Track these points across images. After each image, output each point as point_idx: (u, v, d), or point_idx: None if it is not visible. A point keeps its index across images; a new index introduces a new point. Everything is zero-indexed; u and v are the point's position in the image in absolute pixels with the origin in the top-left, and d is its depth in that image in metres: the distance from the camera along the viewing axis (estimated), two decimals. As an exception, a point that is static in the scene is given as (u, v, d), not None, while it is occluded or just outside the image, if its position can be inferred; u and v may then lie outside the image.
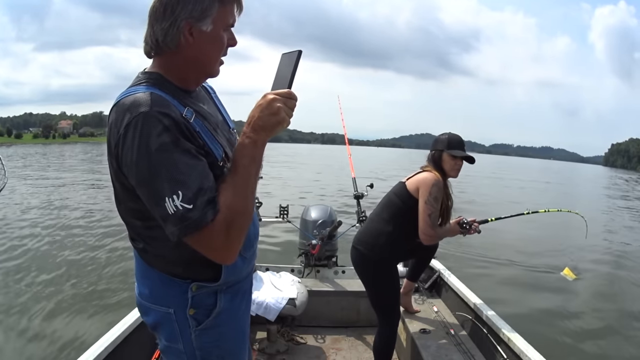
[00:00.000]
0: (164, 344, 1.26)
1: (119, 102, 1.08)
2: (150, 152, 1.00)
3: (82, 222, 10.31)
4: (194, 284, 1.19)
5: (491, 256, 8.14)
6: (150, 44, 1.14)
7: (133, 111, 1.02)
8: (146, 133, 1.00)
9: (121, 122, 1.03)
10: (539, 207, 3.39)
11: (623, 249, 10.35)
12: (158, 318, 1.23)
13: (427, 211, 2.58)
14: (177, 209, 0.99)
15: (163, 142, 1.00)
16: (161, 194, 1.00)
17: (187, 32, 1.10)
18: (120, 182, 1.10)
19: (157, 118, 1.02)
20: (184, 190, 1.00)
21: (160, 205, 1.01)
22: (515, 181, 33.89)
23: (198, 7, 1.09)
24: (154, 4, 1.10)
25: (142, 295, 1.26)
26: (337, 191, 15.69)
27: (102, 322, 4.73)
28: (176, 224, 1.01)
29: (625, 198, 27.05)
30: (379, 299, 2.71)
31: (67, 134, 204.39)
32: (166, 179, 1.00)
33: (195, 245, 1.05)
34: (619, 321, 5.76)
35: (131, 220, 1.18)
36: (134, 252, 1.26)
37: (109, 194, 11.40)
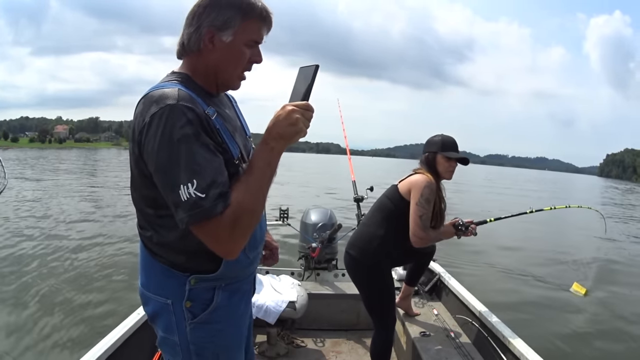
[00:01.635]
0: (161, 335, 1.28)
1: (147, 94, 1.15)
2: (172, 141, 1.06)
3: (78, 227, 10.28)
4: (193, 277, 1.22)
5: (492, 262, 8.16)
6: (179, 46, 1.24)
7: (160, 103, 1.10)
8: (170, 124, 1.07)
9: (147, 111, 1.10)
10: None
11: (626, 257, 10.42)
12: (157, 308, 1.27)
13: (418, 212, 2.54)
14: (190, 196, 1.05)
15: (185, 133, 1.07)
16: (177, 181, 1.06)
17: (207, 38, 1.19)
18: (139, 168, 1.16)
19: (182, 111, 1.09)
20: (198, 180, 1.05)
21: (175, 191, 1.06)
22: (511, 189, 34.08)
23: (220, 18, 1.18)
24: (189, 11, 1.21)
25: (144, 285, 1.31)
26: (335, 194, 15.66)
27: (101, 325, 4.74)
28: (187, 210, 1.05)
29: (616, 205, 27.19)
30: (373, 303, 2.68)
31: (63, 139, 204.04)
32: (184, 167, 1.06)
33: (201, 235, 1.09)
34: (619, 325, 5.77)
35: (143, 207, 1.23)
36: (140, 242, 1.31)
37: (106, 199, 11.43)
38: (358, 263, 2.66)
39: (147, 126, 1.09)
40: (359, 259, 2.64)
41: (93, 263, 7.38)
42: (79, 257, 7.65)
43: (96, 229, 10.15)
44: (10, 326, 4.85)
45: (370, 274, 2.64)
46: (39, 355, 4.34)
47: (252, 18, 1.20)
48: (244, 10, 1.19)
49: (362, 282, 2.69)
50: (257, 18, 1.21)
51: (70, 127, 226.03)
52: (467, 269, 7.27)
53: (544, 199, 27.14)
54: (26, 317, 5.11)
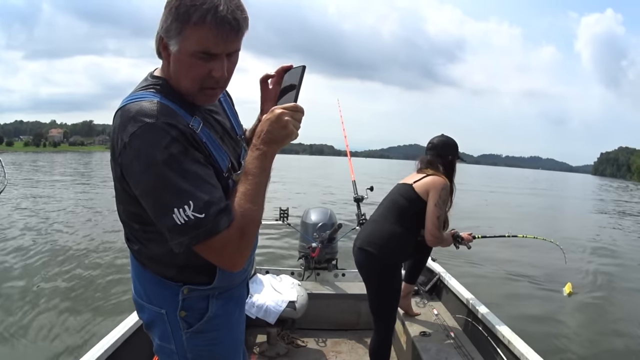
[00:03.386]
0: (157, 343, 1.25)
1: (124, 106, 1.06)
2: (157, 164, 0.98)
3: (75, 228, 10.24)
4: (186, 286, 1.18)
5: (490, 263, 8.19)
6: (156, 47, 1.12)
7: (138, 120, 1.01)
8: (152, 144, 0.99)
9: (124, 129, 1.01)
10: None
11: (616, 255, 10.50)
12: (152, 317, 1.23)
13: (436, 213, 2.61)
14: (189, 218, 0.99)
15: (171, 153, 0.99)
16: (169, 205, 0.99)
17: (162, 46, 1.09)
18: (122, 186, 1.10)
19: (164, 129, 1.00)
20: (194, 200, 0.99)
21: (168, 216, 0.99)
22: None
23: (165, 24, 1.05)
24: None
25: (137, 293, 1.27)
26: (334, 194, 15.65)
27: (99, 326, 4.73)
28: (186, 233, 1.00)
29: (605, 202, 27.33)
30: (380, 302, 2.67)
31: (57, 143, 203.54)
32: (175, 190, 0.99)
33: (207, 252, 1.05)
34: (618, 325, 5.78)
35: (129, 222, 1.18)
36: (130, 253, 1.26)
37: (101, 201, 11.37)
38: (374, 259, 2.62)
39: (128, 147, 1.00)
40: (376, 255, 2.61)
41: (93, 263, 7.38)
42: (78, 257, 7.67)
43: (96, 229, 10.15)
44: (8, 328, 4.83)
45: (384, 271, 2.63)
46: (39, 356, 4.32)
47: (196, 25, 1.01)
48: (183, 16, 1.01)
49: (374, 279, 2.66)
50: (204, 25, 1.01)
51: (64, 130, 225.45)
52: (467, 269, 7.33)
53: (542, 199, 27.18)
54: (26, 317, 5.10)
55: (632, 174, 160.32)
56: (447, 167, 2.79)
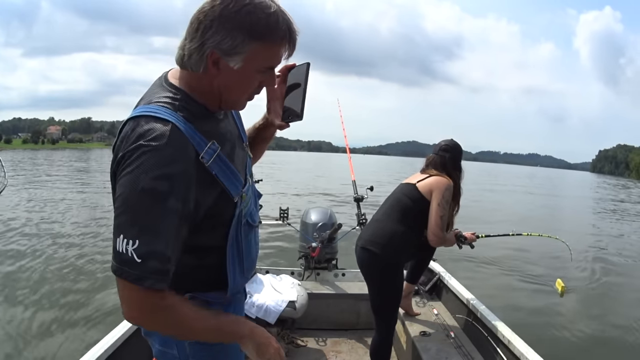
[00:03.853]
0: (158, 349, 1.22)
1: (137, 117, 0.99)
2: (137, 187, 0.93)
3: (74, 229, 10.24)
4: (187, 294, 1.13)
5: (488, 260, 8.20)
6: (182, 57, 1.04)
7: (146, 138, 0.95)
8: (145, 169, 0.93)
9: (131, 141, 0.96)
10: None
11: (611, 253, 10.52)
12: None
13: (439, 213, 2.63)
14: (124, 252, 0.92)
15: (154, 187, 0.93)
16: (121, 228, 0.94)
17: (211, 61, 1.01)
18: (114, 193, 1.02)
19: (163, 162, 0.95)
20: (142, 242, 0.93)
21: (114, 236, 0.94)
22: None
23: (228, 41, 0.98)
24: (193, 15, 1.00)
25: None
26: (332, 194, 15.63)
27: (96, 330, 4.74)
28: (117, 262, 0.94)
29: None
30: (382, 301, 2.68)
31: (56, 140, 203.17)
32: (133, 220, 0.93)
33: (119, 289, 0.97)
34: (617, 325, 5.78)
35: None
36: None
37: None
38: (377, 259, 2.62)
39: (128, 158, 0.95)
40: (381, 255, 2.61)
41: (93, 263, 7.38)
42: (78, 257, 7.66)
43: (95, 228, 10.17)
44: (8, 328, 4.84)
45: (387, 271, 2.63)
46: (38, 356, 4.32)
47: (269, 43, 1.01)
48: (258, 34, 0.99)
49: (376, 278, 2.68)
50: (276, 43, 1.02)
51: (63, 127, 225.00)
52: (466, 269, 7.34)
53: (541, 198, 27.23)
54: (24, 318, 5.09)
55: (630, 171, 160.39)
56: (459, 170, 2.83)
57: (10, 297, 5.76)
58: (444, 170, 2.77)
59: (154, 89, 1.09)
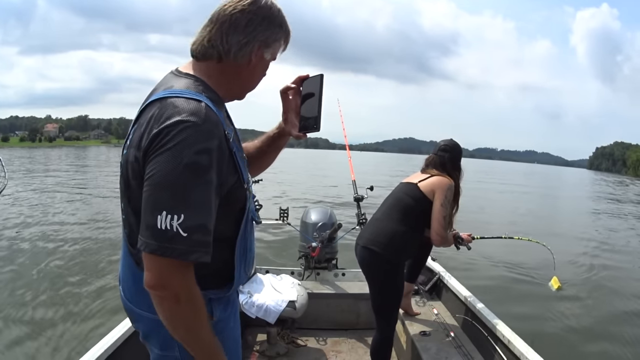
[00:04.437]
0: (157, 353, 1.20)
1: (166, 98, 1.02)
2: (180, 163, 0.94)
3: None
4: None
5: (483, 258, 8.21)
6: (218, 51, 1.10)
7: (183, 115, 0.97)
8: (187, 143, 0.95)
9: (165, 119, 0.98)
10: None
11: (606, 249, 10.58)
12: (152, 325, 1.15)
13: (442, 213, 2.64)
14: (169, 228, 0.93)
15: (195, 162, 0.95)
16: (162, 205, 0.94)
17: (255, 53, 1.12)
18: (137, 180, 1.02)
19: (205, 136, 0.98)
20: (187, 215, 0.94)
21: (154, 214, 0.94)
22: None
23: (272, 36, 1.13)
24: (234, 13, 1.08)
25: (133, 302, 1.19)
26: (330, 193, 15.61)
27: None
28: (160, 241, 0.93)
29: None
30: (382, 300, 2.68)
31: (53, 138, 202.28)
32: (176, 196, 0.94)
33: (153, 267, 0.96)
34: (616, 323, 5.80)
35: (136, 222, 1.04)
36: (127, 257, 1.17)
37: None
38: (379, 258, 2.62)
39: (165, 131, 0.96)
40: (383, 254, 2.61)
41: (91, 263, 7.36)
42: (77, 258, 7.65)
43: (93, 228, 10.12)
44: (8, 327, 4.84)
45: (388, 270, 2.63)
46: (37, 356, 4.32)
47: (287, 35, 1.18)
48: (286, 31, 1.17)
49: (378, 277, 2.67)
50: (287, 39, 1.19)
51: (60, 125, 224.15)
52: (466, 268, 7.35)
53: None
54: (25, 317, 5.10)
55: (627, 168, 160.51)
56: (458, 170, 2.84)
57: (9, 296, 5.74)
58: (443, 170, 2.78)
59: (169, 79, 1.13)
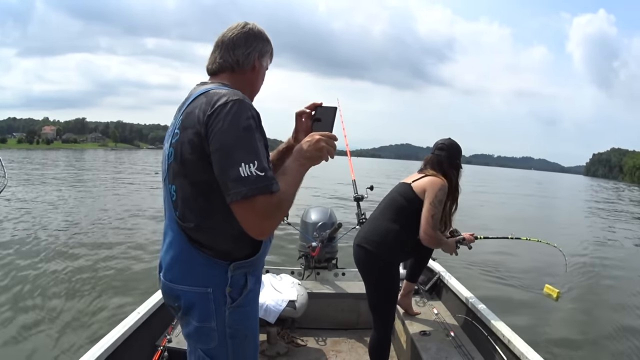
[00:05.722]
0: (195, 325, 1.38)
1: (210, 90, 1.37)
2: (239, 127, 1.27)
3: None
4: (233, 264, 1.37)
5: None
6: (230, 63, 1.50)
7: (230, 96, 1.31)
8: (239, 113, 1.29)
9: (216, 101, 1.30)
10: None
11: (602, 254, 10.59)
12: (193, 299, 1.37)
13: (431, 212, 2.64)
14: (251, 173, 1.23)
15: (249, 124, 1.29)
16: (239, 159, 1.24)
17: (257, 61, 1.52)
18: (198, 152, 1.31)
19: (247, 107, 1.31)
20: (258, 162, 1.24)
21: (235, 168, 1.23)
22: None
23: (264, 48, 1.54)
24: (233, 36, 1.49)
25: (175, 280, 1.40)
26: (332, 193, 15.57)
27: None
28: (246, 184, 1.22)
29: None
30: (379, 299, 2.70)
31: (50, 140, 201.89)
32: (246, 149, 1.25)
33: (248, 211, 1.25)
34: (615, 324, 5.81)
35: (194, 195, 1.35)
36: (176, 237, 1.40)
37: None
38: (373, 256, 2.65)
39: (218, 110, 1.28)
40: (376, 252, 2.64)
41: (91, 263, 7.38)
42: (76, 257, 7.65)
43: (92, 228, 10.15)
44: (6, 327, 4.83)
45: (383, 268, 2.65)
46: (38, 355, 4.32)
47: (272, 52, 1.59)
48: (271, 45, 1.58)
49: (373, 276, 2.69)
50: (272, 52, 1.60)
51: (57, 128, 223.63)
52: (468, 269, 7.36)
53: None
54: (23, 318, 5.09)
55: (624, 175, 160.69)
56: (456, 169, 2.85)
57: (8, 295, 5.75)
58: (440, 169, 2.80)
59: (199, 86, 1.48)
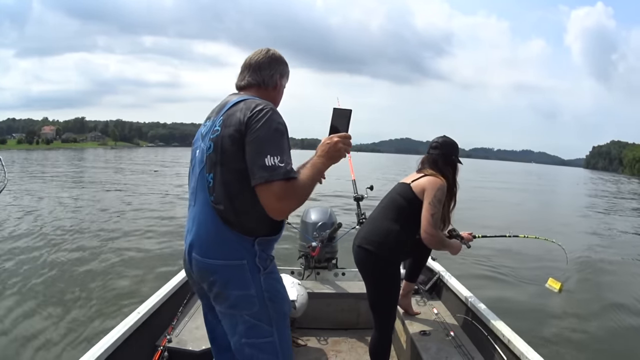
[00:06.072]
0: (236, 294, 1.64)
1: (247, 99, 1.71)
2: (272, 127, 1.61)
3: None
4: (259, 238, 1.65)
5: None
6: (257, 81, 1.83)
7: (266, 104, 1.66)
8: (272, 117, 1.62)
9: (254, 107, 1.64)
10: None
11: (604, 249, 10.61)
12: (230, 272, 1.63)
13: (430, 211, 2.64)
14: (274, 163, 1.55)
15: (280, 127, 1.63)
16: (267, 152, 1.56)
17: (279, 81, 1.88)
18: (238, 144, 1.61)
19: (279, 115, 1.67)
20: (282, 156, 1.57)
21: (262, 158, 1.55)
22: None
23: (284, 70, 1.90)
24: (259, 59, 1.84)
25: (212, 256, 1.65)
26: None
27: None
28: (269, 171, 1.54)
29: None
30: (380, 299, 2.69)
31: (50, 140, 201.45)
32: (274, 145, 1.58)
33: (270, 192, 1.54)
34: (616, 322, 5.79)
35: (230, 181, 1.64)
36: (205, 219, 1.67)
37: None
38: (373, 257, 2.64)
39: (257, 113, 1.61)
40: (376, 253, 2.63)
41: (90, 263, 7.40)
42: (76, 257, 7.67)
43: (91, 229, 10.17)
44: (6, 327, 4.85)
45: (384, 269, 2.65)
46: (37, 355, 4.33)
47: (289, 73, 1.94)
48: (289, 68, 1.92)
49: (374, 276, 2.68)
50: (289, 73, 1.94)
51: (57, 127, 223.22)
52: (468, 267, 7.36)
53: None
54: (24, 317, 5.11)
55: (624, 167, 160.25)
56: (452, 166, 2.85)
57: (8, 295, 5.78)
58: (436, 168, 2.80)
59: (234, 95, 1.82)
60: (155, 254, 8.17)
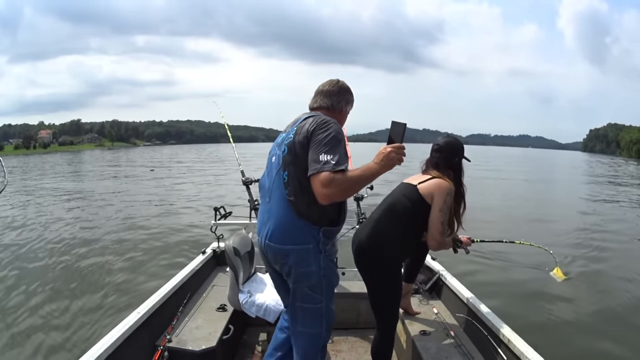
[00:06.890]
0: (302, 271, 2.08)
1: (317, 115, 2.14)
2: (331, 134, 1.99)
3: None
4: (323, 228, 2.06)
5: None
6: (326, 105, 2.26)
7: (330, 119, 2.08)
8: (334, 128, 2.03)
9: (321, 120, 2.06)
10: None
11: (605, 238, 10.44)
12: (300, 254, 2.06)
13: (440, 218, 2.58)
14: (327, 160, 1.91)
15: (337, 135, 2.00)
16: (324, 151, 1.94)
17: (345, 107, 2.31)
18: (304, 149, 2.02)
19: (339, 127, 2.08)
20: (334, 156, 1.92)
21: (319, 155, 1.93)
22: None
23: (350, 99, 2.33)
24: (330, 89, 2.28)
25: (286, 242, 2.07)
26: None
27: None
28: (320, 164, 1.91)
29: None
30: (381, 300, 2.66)
31: (47, 144, 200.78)
32: (331, 147, 1.95)
33: (316, 180, 1.92)
34: (616, 320, 5.70)
35: (301, 179, 2.02)
36: (280, 211, 2.08)
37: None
38: (374, 258, 2.60)
39: (322, 124, 2.03)
40: (378, 254, 2.59)
41: (90, 263, 7.44)
42: (76, 257, 7.76)
43: (91, 228, 10.23)
44: (6, 327, 4.90)
45: (385, 270, 2.60)
46: (37, 355, 4.36)
47: (353, 100, 2.36)
48: (353, 96, 2.35)
49: (375, 278, 2.63)
50: (353, 100, 2.37)
51: (53, 131, 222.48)
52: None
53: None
54: (24, 317, 5.15)
55: (621, 149, 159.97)
56: (455, 169, 2.76)
57: (8, 294, 5.83)
58: (439, 171, 2.72)
59: (305, 114, 2.23)
60: (155, 254, 8.17)
